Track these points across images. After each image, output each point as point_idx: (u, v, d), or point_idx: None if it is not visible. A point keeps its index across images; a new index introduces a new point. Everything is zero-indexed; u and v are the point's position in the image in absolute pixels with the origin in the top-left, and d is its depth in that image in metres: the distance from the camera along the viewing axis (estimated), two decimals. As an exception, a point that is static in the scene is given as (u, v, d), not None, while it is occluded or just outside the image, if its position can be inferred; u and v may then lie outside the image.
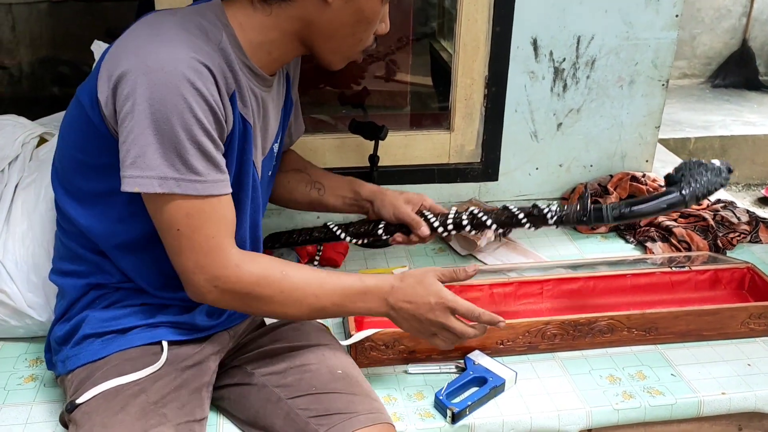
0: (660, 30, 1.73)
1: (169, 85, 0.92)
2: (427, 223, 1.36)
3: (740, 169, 4.11)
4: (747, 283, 1.51)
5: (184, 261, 1.00)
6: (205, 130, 0.96)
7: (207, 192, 0.97)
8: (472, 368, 1.26)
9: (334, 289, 1.07)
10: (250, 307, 1.07)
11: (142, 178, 0.94)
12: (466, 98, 1.74)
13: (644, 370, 1.30)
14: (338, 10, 1.04)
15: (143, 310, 1.11)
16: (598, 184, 1.86)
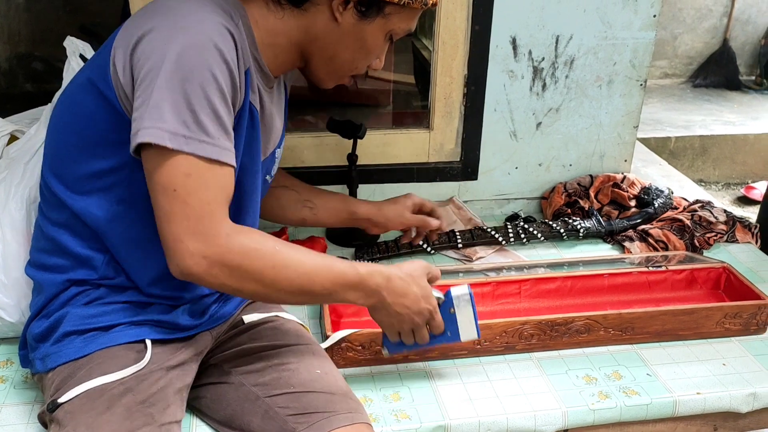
0: (638, 30, 1.73)
1: (194, 43, 0.92)
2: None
3: (720, 169, 4.15)
4: (723, 283, 1.51)
5: (174, 227, 0.94)
6: (222, 94, 0.95)
7: (213, 155, 0.94)
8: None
9: (327, 274, 1.02)
10: (237, 283, 0.97)
11: (154, 129, 0.91)
12: (445, 97, 1.74)
13: (620, 369, 1.30)
14: (345, 32, 1.07)
15: (126, 308, 1.09)
16: (577, 183, 1.87)
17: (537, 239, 1.71)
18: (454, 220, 1.77)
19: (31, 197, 1.27)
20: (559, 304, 1.47)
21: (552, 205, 1.82)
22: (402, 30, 1.09)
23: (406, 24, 1.09)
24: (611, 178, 1.85)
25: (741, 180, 4.16)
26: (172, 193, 0.94)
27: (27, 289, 1.24)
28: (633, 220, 1.75)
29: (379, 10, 1.05)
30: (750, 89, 4.77)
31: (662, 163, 3.40)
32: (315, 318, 1.42)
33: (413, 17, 1.10)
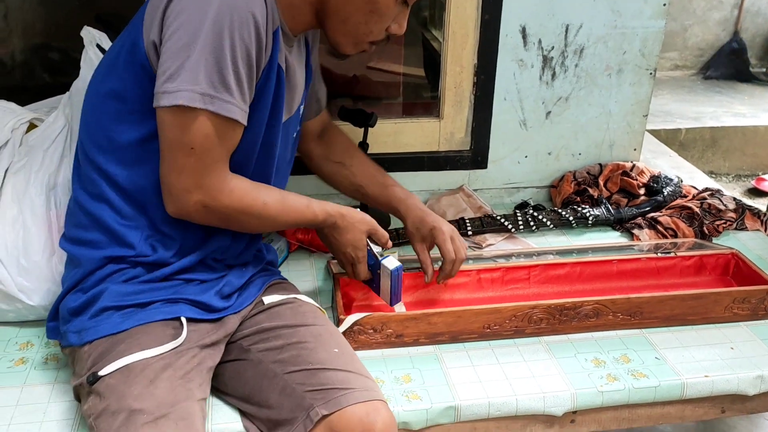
0: (648, 19, 1.74)
1: (226, 6, 0.97)
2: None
3: (730, 161, 4.14)
4: (732, 269, 1.52)
5: (185, 178, 1.04)
6: (249, 56, 1.00)
7: (232, 115, 1.02)
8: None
9: (296, 221, 1.21)
10: (223, 224, 1.14)
11: (183, 91, 0.98)
12: (455, 86, 1.75)
13: (629, 353, 1.32)
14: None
15: (162, 287, 1.14)
16: (587, 172, 1.88)
17: (546, 227, 1.73)
18: (464, 208, 1.78)
19: (51, 183, 1.30)
20: (568, 290, 1.48)
21: (561, 193, 1.84)
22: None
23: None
24: (620, 166, 1.86)
25: (752, 172, 4.15)
26: (190, 151, 1.03)
27: (47, 273, 1.27)
28: (642, 208, 1.76)
29: None
30: (761, 81, 4.74)
31: (672, 155, 3.39)
32: (327, 304, 1.44)
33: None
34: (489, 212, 1.77)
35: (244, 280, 1.23)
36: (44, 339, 1.31)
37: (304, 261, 1.59)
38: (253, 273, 1.25)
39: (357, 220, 1.26)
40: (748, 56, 4.83)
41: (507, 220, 1.71)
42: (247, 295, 1.23)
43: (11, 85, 2.14)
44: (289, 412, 1.06)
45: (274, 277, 1.31)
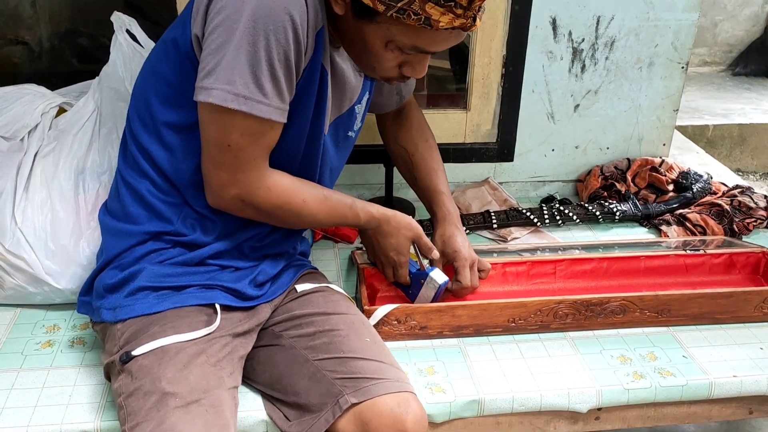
0: (681, 11, 1.71)
1: (264, 5, 0.97)
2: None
3: (759, 158, 4.07)
4: (762, 268, 1.50)
5: (223, 173, 1.06)
6: (286, 58, 1.00)
7: (267, 115, 1.02)
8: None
9: (337, 221, 1.22)
10: (260, 218, 1.15)
11: (217, 90, 0.99)
12: (483, 77, 1.74)
13: (656, 351, 1.30)
14: (349, 27, 1.07)
15: (198, 271, 1.14)
16: (614, 167, 1.85)
17: (572, 221, 1.71)
18: (489, 201, 1.77)
19: (79, 168, 1.31)
20: (594, 285, 1.46)
21: (588, 187, 1.82)
22: (405, 44, 1.04)
23: (409, 39, 1.02)
24: (649, 162, 1.83)
25: (780, 170, 4.08)
26: (226, 147, 1.04)
27: (75, 257, 1.28)
28: (670, 204, 1.73)
29: (371, 15, 1.02)
30: (791, 78, 4.65)
31: (699, 152, 3.34)
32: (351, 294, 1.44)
33: (416, 34, 1.01)
34: (514, 205, 1.76)
35: (278, 269, 1.23)
36: (71, 322, 1.32)
37: (328, 251, 1.59)
38: (286, 263, 1.25)
39: (403, 225, 1.27)
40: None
41: (533, 214, 1.69)
42: (280, 284, 1.23)
43: (41, 70, 2.16)
44: (317, 398, 1.06)
45: (306, 267, 1.30)
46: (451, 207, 1.42)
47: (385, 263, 1.31)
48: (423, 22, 0.99)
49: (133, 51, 1.36)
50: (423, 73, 1.13)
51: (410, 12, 0.99)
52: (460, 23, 1.01)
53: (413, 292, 1.33)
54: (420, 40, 1.04)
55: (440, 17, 0.99)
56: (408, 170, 1.48)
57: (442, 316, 1.30)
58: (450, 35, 1.04)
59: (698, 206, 1.73)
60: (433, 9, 0.98)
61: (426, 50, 1.07)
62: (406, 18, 0.99)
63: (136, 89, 1.18)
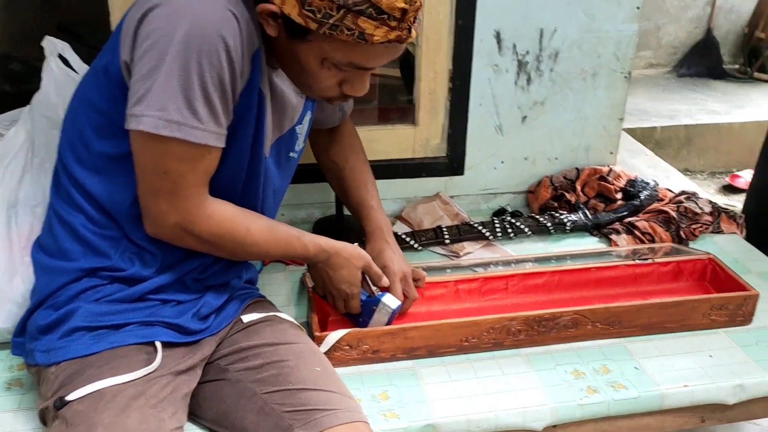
0: (621, 22, 1.73)
1: (197, 29, 0.94)
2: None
3: (705, 158, 4.17)
4: (709, 274, 1.52)
5: (161, 201, 1.02)
6: (220, 81, 0.98)
7: (204, 140, 0.99)
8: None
9: (284, 252, 1.18)
10: (203, 249, 1.11)
11: (148, 117, 0.96)
12: (430, 92, 1.73)
13: (608, 364, 1.30)
14: (283, 47, 1.04)
15: (138, 308, 1.10)
16: (564, 177, 1.86)
17: (524, 234, 1.71)
18: (441, 216, 1.76)
19: (11, 201, 1.25)
20: (546, 299, 1.46)
21: (538, 199, 1.82)
22: (341, 61, 1.02)
23: (344, 55, 1.01)
24: (597, 171, 1.85)
25: (726, 169, 4.18)
26: (163, 175, 1.01)
27: (9, 294, 1.22)
28: (619, 212, 1.75)
29: (303, 34, 1.00)
30: (734, 78, 4.79)
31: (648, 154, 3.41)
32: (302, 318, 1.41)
33: (351, 49, 0.99)
34: (466, 219, 1.75)
35: (222, 301, 1.19)
36: (7, 362, 1.26)
37: (279, 274, 1.55)
38: (231, 293, 1.22)
39: (354, 256, 1.25)
40: (721, 53, 4.86)
41: (484, 228, 1.69)
42: (225, 315, 1.19)
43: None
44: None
45: (253, 295, 1.27)
46: (381, 221, 1.40)
47: (337, 296, 1.28)
48: (357, 37, 0.98)
49: (65, 77, 1.31)
50: (364, 91, 1.11)
51: (343, 28, 0.97)
52: (395, 36, 0.99)
53: (365, 320, 1.31)
54: (356, 56, 1.02)
55: (374, 31, 0.98)
56: (338, 184, 1.46)
57: (394, 338, 1.28)
58: (386, 49, 1.02)
59: (646, 214, 1.75)
60: (366, 23, 0.97)
61: (363, 66, 1.05)
62: (340, 34, 0.98)
63: (67, 119, 1.13)
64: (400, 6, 0.96)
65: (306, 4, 0.96)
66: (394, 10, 0.96)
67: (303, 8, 0.97)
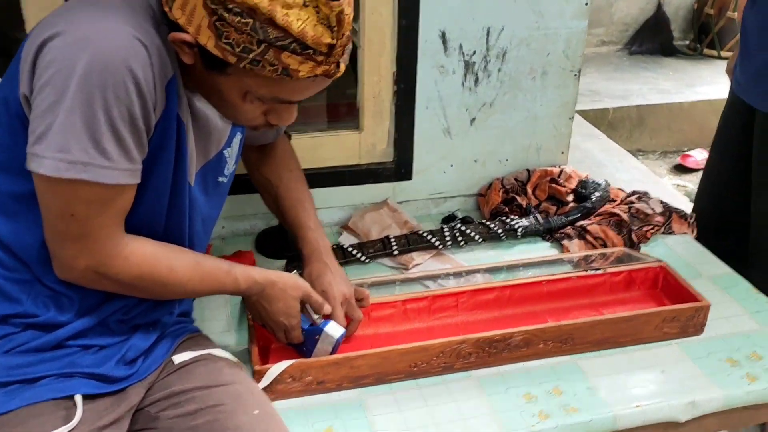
0: (570, 19, 1.68)
1: (100, 61, 0.85)
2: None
3: (657, 138, 4.19)
4: (660, 282, 1.49)
5: (69, 246, 0.95)
6: (130, 115, 0.90)
7: (114, 180, 0.92)
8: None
9: (213, 288, 1.10)
10: (122, 291, 1.03)
11: (49, 159, 0.87)
12: (374, 96, 1.65)
13: (560, 384, 1.27)
14: (201, 76, 0.97)
15: (56, 357, 1.01)
16: (514, 179, 1.82)
17: (475, 241, 1.66)
18: (389, 224, 1.70)
19: None
20: (497, 315, 1.42)
21: (489, 203, 1.77)
22: (264, 96, 0.96)
23: (267, 90, 0.95)
24: (548, 172, 1.80)
25: (677, 148, 4.22)
26: (69, 218, 0.92)
27: None
28: (571, 215, 1.71)
29: (222, 67, 0.93)
30: (684, 54, 4.81)
31: (601, 137, 3.39)
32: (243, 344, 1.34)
33: (274, 84, 0.93)
34: (415, 227, 1.69)
35: (151, 341, 1.11)
36: None
37: (218, 298, 1.47)
38: (161, 332, 1.13)
39: (290, 286, 1.17)
40: (672, 30, 4.88)
41: (434, 237, 1.63)
42: (155, 357, 1.11)
43: None
44: None
45: (186, 331, 1.19)
46: (319, 241, 1.33)
47: (276, 328, 1.21)
48: (281, 72, 0.91)
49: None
50: (291, 120, 1.05)
51: (265, 63, 0.89)
52: (322, 71, 0.93)
53: (308, 349, 1.24)
54: (280, 91, 0.96)
55: (299, 66, 0.90)
56: (273, 203, 1.37)
57: (339, 368, 1.23)
58: (313, 82, 0.95)
59: (598, 216, 1.72)
60: (290, 58, 0.89)
61: (289, 100, 0.99)
62: (261, 69, 0.90)
63: None
64: (326, 42, 0.89)
65: (223, 37, 0.88)
66: (321, 46, 0.89)
67: (220, 40, 0.89)
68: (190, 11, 0.90)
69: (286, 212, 1.35)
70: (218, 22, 0.88)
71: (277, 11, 0.86)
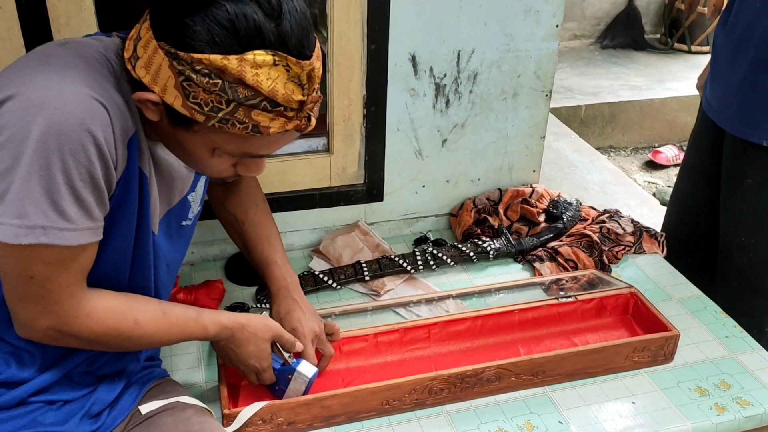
0: (541, 41, 1.66)
1: (55, 125, 0.83)
2: None
3: (628, 135, 4.22)
4: (631, 308, 1.50)
5: (28, 307, 0.92)
6: (89, 176, 0.87)
7: (75, 242, 0.89)
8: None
9: (180, 337, 1.08)
10: (86, 347, 1.01)
11: (5, 226, 0.85)
12: (344, 119, 1.63)
13: (532, 418, 1.27)
14: (165, 131, 0.95)
15: (17, 415, 0.99)
16: (486, 198, 1.81)
17: (447, 264, 1.65)
18: (361, 248, 1.68)
19: None
20: (469, 346, 1.42)
21: (461, 224, 1.77)
22: (233, 152, 0.94)
23: (236, 147, 0.93)
24: (520, 192, 1.80)
25: (648, 144, 4.25)
26: (29, 280, 0.89)
27: None
28: (543, 236, 1.71)
29: (188, 124, 0.90)
30: (654, 49, 4.83)
31: (573, 136, 3.40)
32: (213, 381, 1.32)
33: (244, 141, 0.91)
34: (387, 251, 1.68)
35: (116, 392, 1.09)
36: None
37: (187, 332, 1.45)
38: (126, 381, 1.11)
39: (260, 329, 1.16)
40: (643, 24, 4.90)
41: (405, 261, 1.62)
42: (121, 409, 1.09)
43: None
44: None
45: (152, 378, 1.17)
46: (287, 277, 1.31)
47: (247, 372, 1.20)
48: (251, 130, 0.89)
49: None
50: (260, 172, 1.03)
51: (234, 121, 0.87)
52: (293, 125, 0.91)
53: (281, 388, 1.23)
54: (250, 147, 0.94)
55: (270, 123, 0.88)
56: (239, 238, 1.35)
57: (310, 409, 1.21)
58: (283, 136, 0.93)
59: (570, 237, 1.72)
60: (260, 116, 0.87)
61: (258, 154, 0.96)
62: (231, 127, 0.88)
63: None
64: (297, 99, 0.88)
65: (191, 97, 0.86)
66: (292, 103, 0.88)
67: (187, 100, 0.86)
68: (155, 71, 0.87)
69: (253, 248, 1.33)
70: (185, 83, 0.86)
71: (247, 71, 0.84)
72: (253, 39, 0.83)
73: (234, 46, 0.83)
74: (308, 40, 0.88)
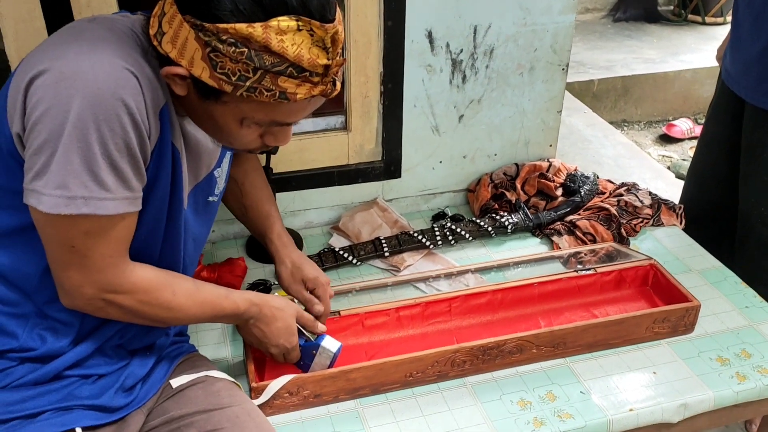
0: (557, 14, 1.66)
1: (90, 96, 0.85)
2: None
3: (642, 108, 4.19)
4: (650, 280, 1.51)
5: (72, 274, 0.94)
6: (126, 145, 0.89)
7: (114, 211, 0.91)
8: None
9: (212, 313, 1.09)
10: (127, 319, 1.03)
11: (47, 196, 0.87)
12: (362, 96, 1.63)
13: (554, 389, 1.29)
14: (194, 106, 0.96)
15: (54, 389, 1.01)
16: (503, 173, 1.81)
17: (465, 239, 1.66)
18: (380, 224, 1.70)
19: None
20: (490, 319, 1.43)
21: (479, 199, 1.77)
22: (262, 120, 0.95)
23: (265, 115, 0.94)
24: (537, 167, 1.80)
25: (663, 117, 4.22)
26: (70, 249, 0.92)
27: None
28: (560, 210, 1.72)
29: (217, 96, 0.92)
30: (668, 21, 4.78)
31: (586, 111, 3.39)
32: (238, 356, 1.34)
33: (272, 108, 0.93)
34: (405, 227, 1.69)
35: (149, 367, 1.11)
36: None
37: (211, 309, 1.47)
38: (158, 356, 1.14)
39: (283, 305, 1.18)
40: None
41: (424, 236, 1.63)
42: (153, 382, 1.11)
43: None
44: None
45: (182, 352, 1.19)
46: (284, 234, 1.33)
47: (275, 351, 1.20)
48: (278, 97, 0.90)
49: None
50: (287, 141, 1.05)
51: (262, 89, 0.89)
52: (319, 90, 0.92)
53: (306, 363, 1.25)
54: (278, 114, 0.95)
55: (296, 89, 0.90)
56: (238, 201, 1.34)
57: (335, 381, 1.24)
58: (309, 103, 0.95)
59: (587, 210, 1.72)
60: (287, 82, 0.89)
61: (287, 122, 0.98)
62: (259, 96, 0.90)
63: None
64: (322, 63, 0.89)
65: (218, 67, 0.87)
66: (317, 67, 0.89)
67: (215, 71, 0.88)
68: (182, 44, 0.88)
69: (253, 205, 1.33)
70: (212, 54, 0.87)
71: (272, 38, 0.85)
72: (276, 6, 0.85)
73: (258, 14, 0.84)
74: (329, 4, 0.89)
